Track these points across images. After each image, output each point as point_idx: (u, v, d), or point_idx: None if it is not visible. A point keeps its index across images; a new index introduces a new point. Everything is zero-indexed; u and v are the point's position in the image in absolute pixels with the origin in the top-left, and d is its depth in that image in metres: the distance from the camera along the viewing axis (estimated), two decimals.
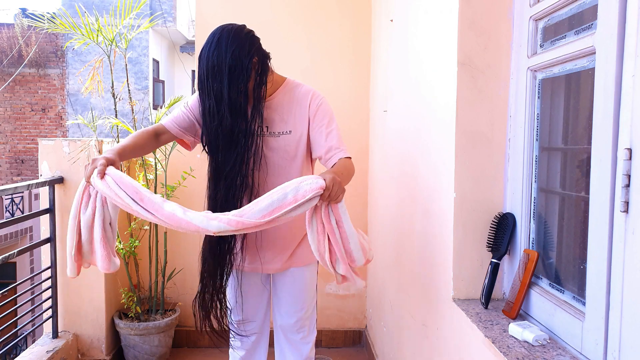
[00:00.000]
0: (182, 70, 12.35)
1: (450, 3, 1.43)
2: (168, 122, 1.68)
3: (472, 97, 1.38)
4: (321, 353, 2.95)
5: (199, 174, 2.85)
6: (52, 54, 10.61)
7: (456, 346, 1.41)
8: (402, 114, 2.11)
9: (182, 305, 3.05)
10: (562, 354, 1.07)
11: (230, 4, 2.94)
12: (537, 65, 1.26)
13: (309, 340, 1.81)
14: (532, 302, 1.26)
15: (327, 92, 2.96)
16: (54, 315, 2.60)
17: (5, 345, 2.22)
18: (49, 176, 2.63)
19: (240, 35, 1.50)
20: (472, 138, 1.39)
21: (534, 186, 1.30)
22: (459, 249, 1.41)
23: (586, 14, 1.09)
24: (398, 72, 2.21)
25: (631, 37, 0.89)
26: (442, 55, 1.52)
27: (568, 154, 1.22)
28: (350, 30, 2.98)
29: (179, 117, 1.67)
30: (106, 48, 2.80)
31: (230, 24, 1.53)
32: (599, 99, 0.98)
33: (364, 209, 3.06)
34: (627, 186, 0.89)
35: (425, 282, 1.72)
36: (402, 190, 2.10)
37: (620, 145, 0.91)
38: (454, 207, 1.40)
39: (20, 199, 8.50)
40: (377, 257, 2.72)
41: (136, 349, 2.77)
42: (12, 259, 2.27)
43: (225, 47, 1.46)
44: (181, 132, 1.68)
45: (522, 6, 1.33)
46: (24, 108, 10.68)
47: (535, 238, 1.31)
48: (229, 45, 1.46)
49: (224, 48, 1.46)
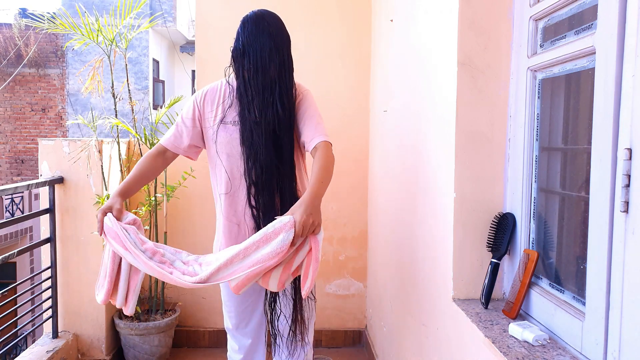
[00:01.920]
0: (182, 70, 12.34)
1: (450, 3, 1.43)
2: (168, 143, 1.71)
3: (472, 97, 1.38)
4: (321, 353, 2.95)
5: (199, 174, 2.85)
6: (52, 54, 10.61)
7: (456, 346, 1.41)
8: (402, 114, 2.11)
9: (182, 305, 3.05)
10: (562, 354, 1.07)
11: (230, 4, 2.94)
12: (537, 65, 1.26)
13: (306, 342, 1.81)
14: (532, 302, 1.26)
15: (327, 92, 2.98)
16: (54, 315, 2.60)
17: (5, 345, 2.22)
18: (49, 176, 2.63)
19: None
20: (472, 138, 1.39)
21: (534, 186, 1.30)
22: (459, 249, 1.41)
23: (586, 14, 1.09)
24: (398, 72, 2.21)
25: (631, 37, 0.89)
26: (442, 55, 1.52)
27: (568, 154, 1.22)
28: (350, 30, 2.98)
29: (181, 137, 1.69)
30: (106, 48, 2.80)
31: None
32: (599, 99, 0.98)
33: (364, 209, 3.06)
34: (627, 186, 0.89)
35: (425, 282, 1.72)
36: (402, 190, 2.10)
37: (620, 145, 0.91)
38: (454, 207, 1.40)
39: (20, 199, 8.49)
40: (378, 257, 2.72)
41: (136, 349, 2.77)
42: (12, 259, 2.28)
43: (281, 28, 1.62)
44: (185, 152, 1.72)
45: (522, 6, 1.33)
46: (24, 108, 10.68)
47: (535, 238, 1.31)
48: (282, 26, 1.62)
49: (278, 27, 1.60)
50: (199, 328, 3.08)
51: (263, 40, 1.55)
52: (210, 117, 1.66)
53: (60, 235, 2.65)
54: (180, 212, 3.02)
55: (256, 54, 1.54)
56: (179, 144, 1.70)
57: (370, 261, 2.99)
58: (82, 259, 2.68)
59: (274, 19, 1.61)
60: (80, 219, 2.66)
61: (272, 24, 1.58)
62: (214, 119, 1.65)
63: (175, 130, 1.70)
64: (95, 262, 2.69)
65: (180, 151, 1.71)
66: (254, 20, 1.58)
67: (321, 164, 1.49)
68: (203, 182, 2.92)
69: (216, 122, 1.64)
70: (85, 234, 2.67)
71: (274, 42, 1.56)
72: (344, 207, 3.05)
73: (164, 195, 2.85)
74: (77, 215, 2.66)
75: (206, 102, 1.68)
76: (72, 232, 2.67)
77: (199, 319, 3.10)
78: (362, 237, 3.07)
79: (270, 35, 1.56)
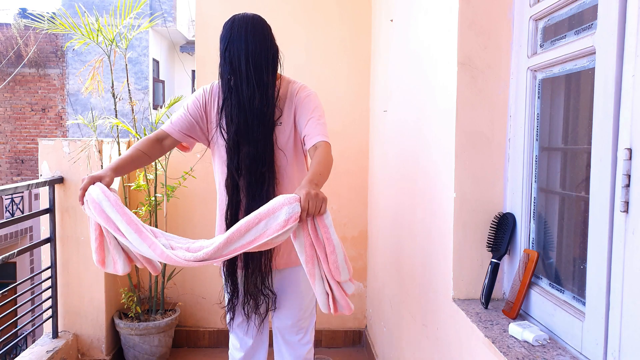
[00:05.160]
0: (182, 70, 12.34)
1: (450, 3, 1.43)
2: (169, 127, 1.70)
3: (472, 97, 1.38)
4: (321, 353, 2.95)
5: (199, 174, 2.85)
6: (52, 54, 10.61)
7: (456, 346, 1.41)
8: (402, 114, 2.11)
9: (182, 305, 3.05)
10: (562, 354, 1.07)
11: (230, 3, 2.93)
12: (537, 65, 1.26)
13: (307, 341, 1.81)
14: (532, 302, 1.26)
15: (327, 92, 2.97)
16: (54, 315, 2.60)
17: (5, 345, 2.22)
18: (49, 176, 2.62)
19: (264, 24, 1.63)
20: (472, 138, 1.39)
21: (534, 186, 1.30)
22: (459, 249, 1.41)
23: (586, 14, 1.09)
24: (398, 72, 2.21)
25: (631, 37, 0.89)
26: (442, 55, 1.52)
27: (568, 154, 1.22)
28: (350, 30, 2.98)
29: (179, 120, 1.69)
30: (106, 48, 2.80)
31: (249, 14, 1.61)
32: (599, 99, 0.98)
33: (364, 209, 3.06)
34: (627, 186, 0.89)
35: (425, 282, 1.72)
36: (402, 190, 2.10)
37: (620, 145, 0.91)
38: (454, 207, 1.40)
39: (20, 199, 8.49)
40: (378, 257, 2.72)
41: (136, 349, 2.77)
42: (12, 259, 2.27)
43: (263, 31, 1.59)
44: (183, 135, 1.70)
45: (522, 6, 1.33)
46: (24, 108, 10.67)
47: (535, 238, 1.31)
48: (265, 28, 1.60)
49: (260, 32, 1.58)
50: (199, 328, 3.08)
51: (238, 45, 1.55)
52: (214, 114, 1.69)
53: (60, 235, 2.65)
54: (180, 212, 3.02)
55: (232, 58, 1.56)
56: (180, 127, 1.69)
57: (370, 261, 2.99)
58: (82, 259, 2.68)
59: (252, 23, 1.60)
60: (80, 219, 2.66)
61: (247, 28, 1.57)
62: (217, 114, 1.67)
63: (177, 117, 1.71)
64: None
65: (177, 134, 1.69)
66: (229, 25, 1.59)
67: (320, 159, 1.48)
68: (203, 182, 2.93)
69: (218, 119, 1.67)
70: (85, 234, 2.67)
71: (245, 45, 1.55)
72: (344, 207, 3.05)
73: (164, 195, 2.85)
74: (77, 215, 2.66)
75: (213, 95, 1.70)
76: (72, 232, 2.67)
77: (199, 319, 3.10)
78: (362, 237, 3.07)
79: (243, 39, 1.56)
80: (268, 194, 1.58)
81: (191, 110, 1.69)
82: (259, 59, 1.55)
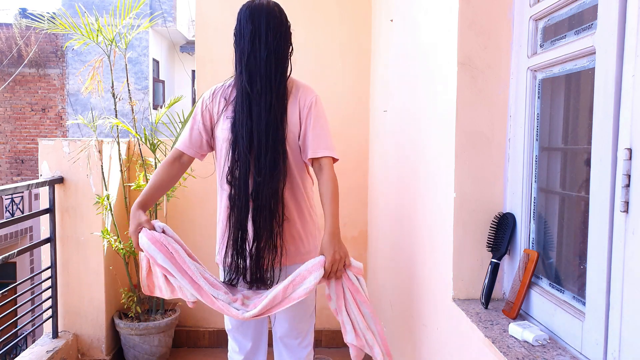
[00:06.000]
0: (182, 70, 12.34)
1: (450, 3, 1.43)
2: (183, 146, 1.72)
3: (472, 97, 1.38)
4: (321, 353, 2.95)
5: (199, 174, 2.85)
6: (52, 54, 10.61)
7: (456, 346, 1.41)
8: (402, 114, 2.11)
9: (182, 305, 3.05)
10: (562, 354, 1.07)
11: (230, 4, 2.93)
12: (537, 65, 1.26)
13: (307, 345, 1.80)
14: (532, 302, 1.26)
15: (327, 92, 2.97)
16: (54, 315, 2.60)
17: (5, 345, 2.22)
18: (49, 176, 2.63)
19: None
20: (472, 138, 1.39)
21: (534, 186, 1.30)
22: (459, 249, 1.41)
23: (586, 14, 1.09)
24: (398, 72, 2.21)
25: (631, 37, 0.89)
26: (442, 55, 1.52)
27: (568, 154, 1.22)
28: (350, 30, 2.98)
29: (191, 137, 1.71)
30: (106, 48, 2.80)
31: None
32: (599, 99, 0.98)
33: (364, 209, 3.06)
34: (627, 186, 0.89)
35: (425, 282, 1.72)
36: (402, 190, 2.10)
37: (620, 145, 0.91)
38: (454, 207, 1.40)
39: (20, 199, 8.49)
40: (378, 257, 2.72)
41: (136, 349, 2.77)
42: (12, 259, 2.28)
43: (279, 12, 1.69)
44: (198, 151, 1.72)
45: (522, 6, 1.33)
46: (24, 108, 10.68)
47: (535, 238, 1.31)
48: (282, 12, 1.71)
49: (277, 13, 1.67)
50: (199, 328, 3.08)
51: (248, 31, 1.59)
52: (216, 112, 1.69)
53: (60, 235, 2.65)
54: (180, 212, 3.02)
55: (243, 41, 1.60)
56: (194, 144, 1.71)
57: (370, 261, 2.99)
58: (82, 259, 2.68)
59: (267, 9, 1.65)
60: (80, 219, 2.66)
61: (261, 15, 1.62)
62: (218, 113, 1.68)
63: (187, 132, 1.72)
64: (95, 262, 2.69)
65: (193, 152, 1.71)
66: (244, 11, 1.63)
67: (330, 197, 1.59)
68: (203, 182, 2.92)
69: (219, 115, 1.68)
70: (85, 234, 2.67)
71: (257, 31, 1.59)
72: (344, 207, 3.04)
73: (164, 195, 2.85)
74: (77, 215, 2.66)
75: (215, 97, 1.70)
76: (72, 232, 2.67)
77: (199, 319, 3.10)
78: (362, 237, 3.07)
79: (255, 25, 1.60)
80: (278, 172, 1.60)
81: (199, 125, 1.70)
82: (279, 30, 1.63)
